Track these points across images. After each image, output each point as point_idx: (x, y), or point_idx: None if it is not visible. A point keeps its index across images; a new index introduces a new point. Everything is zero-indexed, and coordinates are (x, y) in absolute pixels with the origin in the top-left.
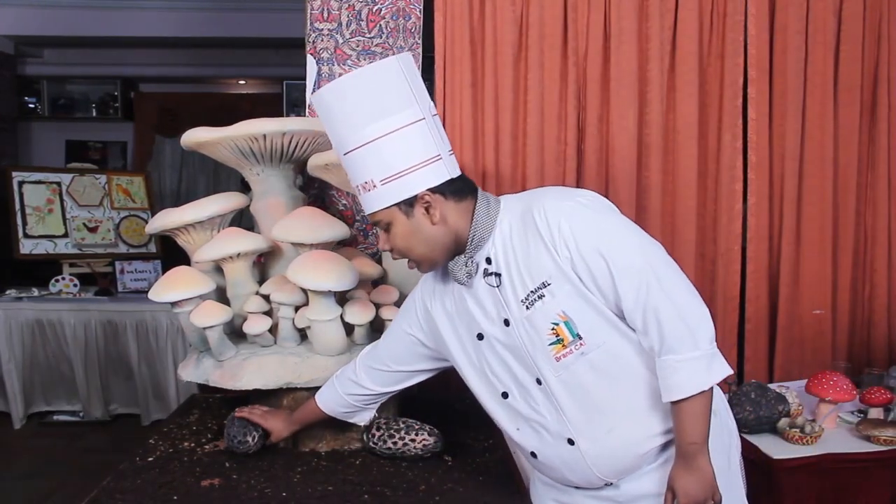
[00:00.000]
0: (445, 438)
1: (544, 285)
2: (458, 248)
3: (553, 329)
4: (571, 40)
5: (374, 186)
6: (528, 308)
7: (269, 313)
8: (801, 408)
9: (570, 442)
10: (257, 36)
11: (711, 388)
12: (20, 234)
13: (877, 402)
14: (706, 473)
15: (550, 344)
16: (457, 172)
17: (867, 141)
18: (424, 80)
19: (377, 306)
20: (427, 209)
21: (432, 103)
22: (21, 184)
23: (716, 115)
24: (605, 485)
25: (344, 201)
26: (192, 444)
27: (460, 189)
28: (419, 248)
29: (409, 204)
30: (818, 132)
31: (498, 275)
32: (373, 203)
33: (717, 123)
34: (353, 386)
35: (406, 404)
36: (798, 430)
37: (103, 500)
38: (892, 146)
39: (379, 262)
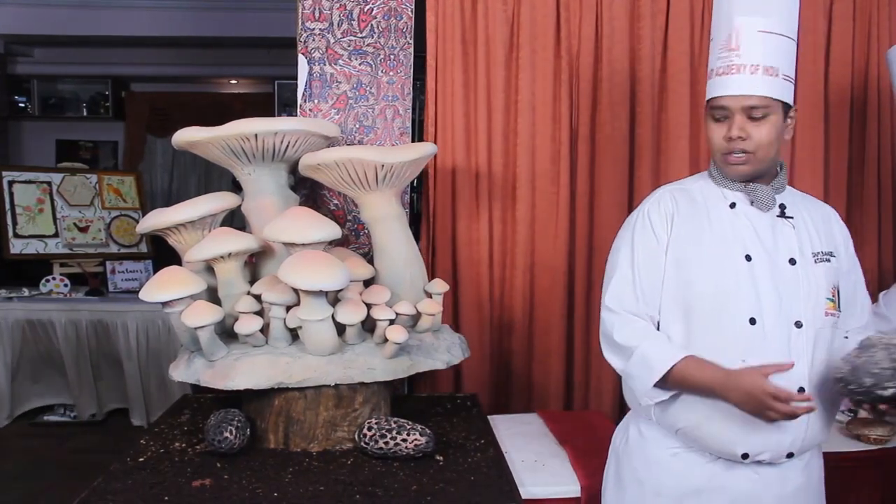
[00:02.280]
0: (437, 438)
1: (832, 254)
2: (763, 173)
3: (833, 288)
4: (563, 40)
5: (776, 75)
6: (816, 262)
7: (260, 313)
8: None
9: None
10: (249, 35)
11: None
12: (10, 233)
13: None
14: None
15: (827, 298)
16: None
17: (857, 141)
18: (416, 80)
19: (368, 306)
20: (790, 122)
21: None
22: (11, 183)
23: None
24: (787, 456)
25: (336, 201)
26: (184, 445)
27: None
28: (771, 151)
29: (787, 108)
30: (809, 132)
31: (791, 219)
32: (768, 88)
33: None
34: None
35: (398, 404)
36: None
37: (94, 500)
38: (883, 146)
39: (370, 262)
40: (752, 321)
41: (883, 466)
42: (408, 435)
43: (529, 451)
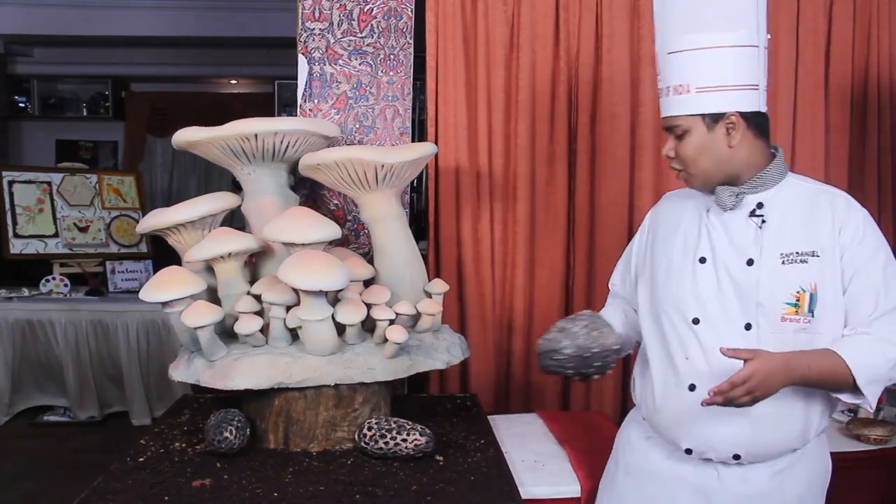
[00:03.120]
0: (437, 438)
1: (813, 254)
2: (734, 178)
3: (798, 293)
4: (563, 40)
5: (688, 91)
6: (784, 263)
7: (260, 313)
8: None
9: None
10: (249, 35)
11: (850, 383)
12: (10, 233)
13: None
14: (777, 387)
15: (787, 303)
16: (765, 109)
17: (857, 141)
18: (416, 80)
19: (368, 306)
20: (728, 130)
21: (769, 37)
22: (11, 183)
23: None
24: (734, 457)
25: (336, 201)
26: (184, 445)
27: (762, 126)
28: (704, 164)
29: (714, 119)
30: (809, 132)
31: (763, 220)
32: (680, 107)
33: None
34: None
35: (398, 404)
36: None
37: (94, 500)
38: (882, 146)
39: (370, 262)
40: (696, 321)
41: (883, 466)
42: (408, 435)
43: (529, 451)
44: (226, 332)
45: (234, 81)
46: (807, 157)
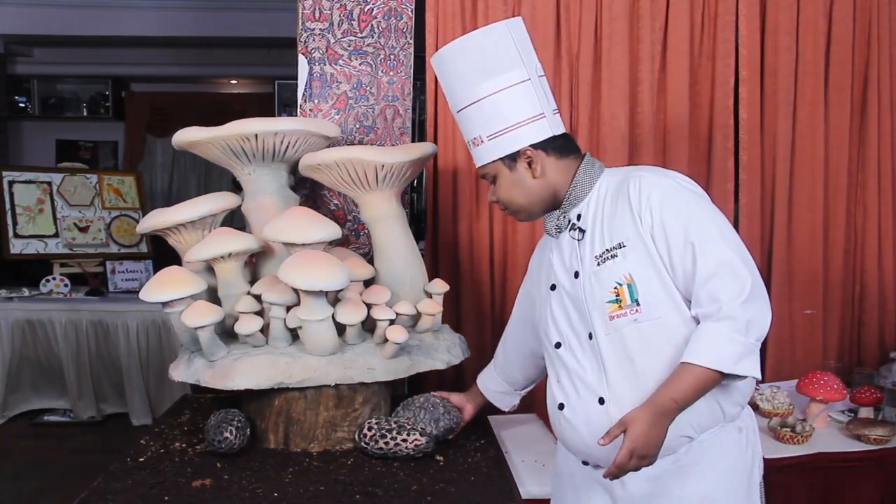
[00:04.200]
0: (437, 438)
1: (620, 246)
2: (556, 202)
3: (615, 288)
4: (563, 41)
5: (482, 142)
6: (598, 264)
7: (260, 313)
8: (791, 407)
9: (601, 401)
10: (249, 35)
11: (720, 375)
12: (10, 233)
13: (867, 402)
14: (661, 436)
15: (608, 301)
16: (560, 130)
17: (857, 141)
18: (416, 80)
19: (369, 307)
20: (529, 164)
21: (539, 64)
22: (11, 183)
23: (707, 115)
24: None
25: (336, 201)
26: (184, 445)
27: (563, 147)
28: (519, 200)
29: (512, 158)
30: (809, 133)
31: (582, 231)
32: (481, 157)
33: (709, 124)
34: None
35: (398, 404)
36: (789, 429)
37: (94, 500)
38: (882, 147)
39: (371, 262)
40: (558, 345)
41: (883, 466)
42: (408, 435)
43: (529, 451)
44: (226, 333)
45: (234, 81)
46: (807, 158)
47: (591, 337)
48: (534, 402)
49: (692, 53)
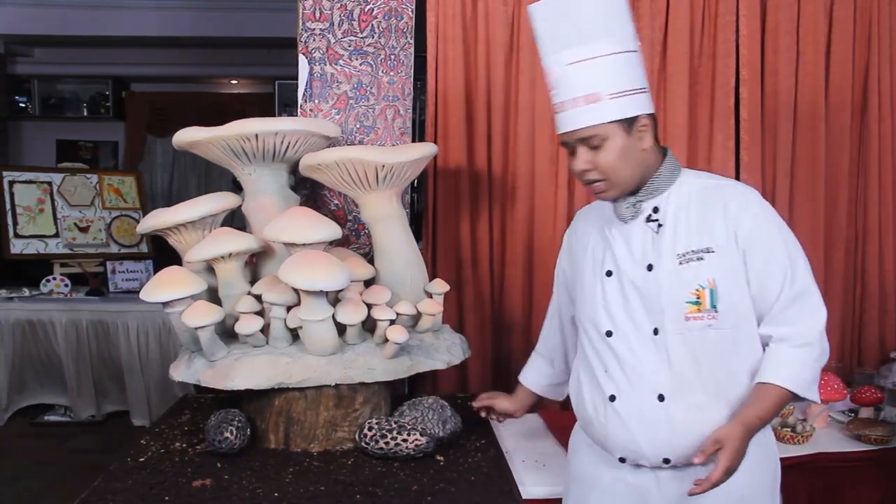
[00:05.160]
0: (437, 438)
1: (707, 251)
2: (637, 186)
3: (697, 290)
4: None
5: (599, 99)
6: (681, 263)
7: (260, 313)
8: (792, 407)
9: (661, 398)
10: (249, 35)
11: (793, 397)
12: (11, 233)
13: (867, 402)
14: (744, 451)
15: (688, 302)
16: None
17: (858, 142)
18: (416, 80)
19: (369, 306)
20: (641, 133)
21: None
22: (12, 183)
23: (707, 115)
24: (664, 461)
25: (336, 201)
26: (184, 445)
27: (656, 130)
28: (625, 170)
29: (629, 123)
30: (809, 133)
31: (660, 224)
32: (592, 116)
33: (709, 124)
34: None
35: (398, 404)
36: (789, 429)
37: (94, 500)
38: (883, 147)
39: (371, 262)
40: (609, 333)
41: (883, 466)
42: (408, 435)
43: (529, 451)
44: (226, 333)
45: (234, 81)
46: (807, 158)
47: (656, 332)
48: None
49: (692, 53)
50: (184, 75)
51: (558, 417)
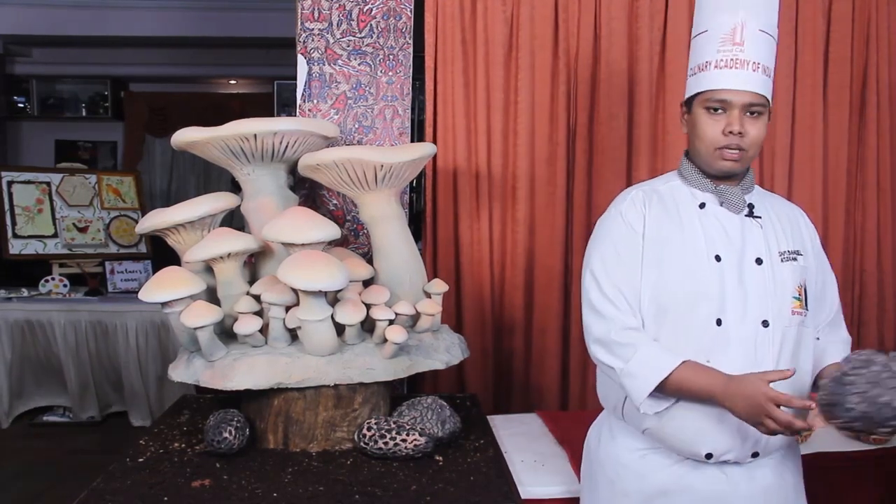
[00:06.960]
0: (436, 439)
1: (799, 253)
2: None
3: (799, 287)
4: (562, 41)
5: (771, 75)
6: (783, 261)
7: (259, 313)
8: None
9: None
10: (248, 36)
11: None
12: (9, 234)
13: None
14: None
15: (793, 297)
16: None
17: (856, 142)
18: (415, 80)
19: (368, 307)
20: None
21: None
22: (10, 184)
23: None
24: (753, 455)
25: (335, 201)
26: (183, 445)
27: None
28: (758, 149)
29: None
30: (808, 133)
31: (759, 218)
32: (766, 87)
33: None
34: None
35: (397, 404)
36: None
37: (93, 500)
38: (882, 147)
39: (370, 262)
40: (719, 322)
41: (883, 466)
42: (407, 435)
43: (529, 451)
44: (225, 333)
45: (233, 81)
46: (806, 158)
47: (765, 325)
48: (533, 401)
49: None
50: (183, 75)
51: (557, 417)
